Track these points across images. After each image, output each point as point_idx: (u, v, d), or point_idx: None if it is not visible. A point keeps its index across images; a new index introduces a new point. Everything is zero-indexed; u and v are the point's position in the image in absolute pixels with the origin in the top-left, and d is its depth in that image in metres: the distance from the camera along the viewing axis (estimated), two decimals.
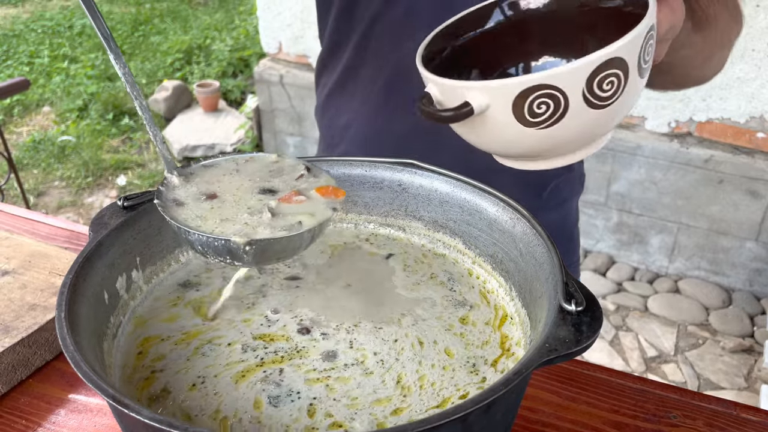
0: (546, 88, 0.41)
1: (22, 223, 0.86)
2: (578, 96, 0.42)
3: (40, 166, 3.21)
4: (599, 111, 0.43)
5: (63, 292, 0.44)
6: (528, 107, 0.42)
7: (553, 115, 0.42)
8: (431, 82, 0.46)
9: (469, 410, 0.35)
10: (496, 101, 0.43)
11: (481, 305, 0.53)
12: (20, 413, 0.59)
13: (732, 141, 2.16)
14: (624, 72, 0.42)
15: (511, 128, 0.44)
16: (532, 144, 0.45)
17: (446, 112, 0.44)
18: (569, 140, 0.45)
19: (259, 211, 0.51)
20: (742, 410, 0.60)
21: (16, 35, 4.72)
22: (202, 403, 0.46)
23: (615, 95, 0.43)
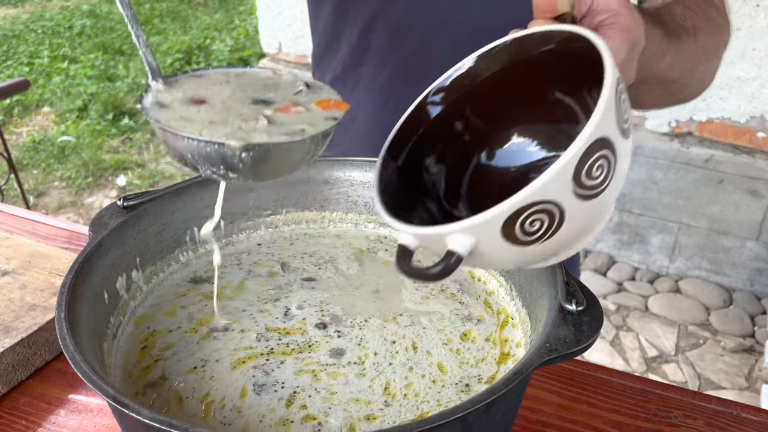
0: (533, 205, 0.36)
1: (22, 223, 0.86)
2: (569, 197, 0.37)
3: (40, 166, 3.21)
4: (598, 198, 0.38)
5: (63, 292, 0.44)
6: (520, 228, 0.37)
7: (550, 227, 0.37)
8: (404, 232, 0.40)
9: (468, 410, 0.35)
10: (483, 236, 0.38)
11: (486, 317, 0.52)
12: (20, 413, 0.59)
13: (732, 140, 2.16)
14: (609, 148, 0.37)
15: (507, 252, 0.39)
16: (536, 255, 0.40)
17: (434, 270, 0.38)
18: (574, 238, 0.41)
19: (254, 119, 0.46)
20: (742, 410, 0.60)
21: (16, 35, 4.71)
22: (196, 386, 0.47)
23: (609, 174, 0.38)
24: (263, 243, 0.62)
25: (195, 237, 0.59)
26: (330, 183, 0.63)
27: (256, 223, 0.62)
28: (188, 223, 0.58)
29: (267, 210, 0.62)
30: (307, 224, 0.64)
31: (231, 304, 0.55)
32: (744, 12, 1.98)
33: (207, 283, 0.58)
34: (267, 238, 0.63)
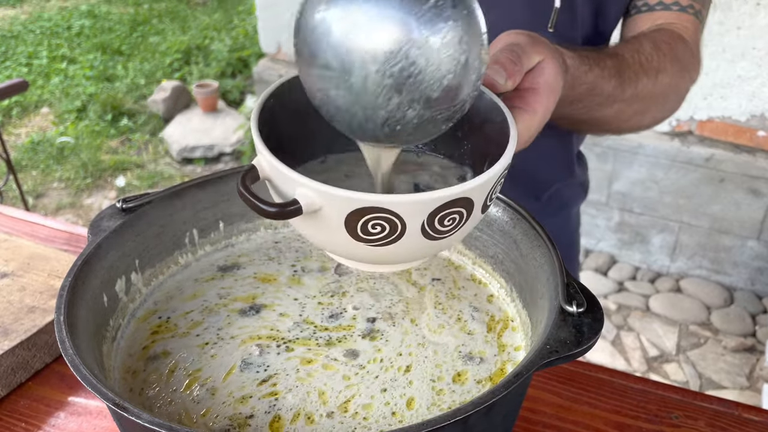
0: (386, 212, 0.38)
1: (21, 225, 0.85)
2: (416, 227, 0.39)
3: (39, 167, 3.20)
4: (433, 242, 0.40)
5: (62, 294, 0.44)
6: (362, 225, 0.38)
7: (386, 238, 0.39)
8: (262, 156, 0.41)
9: (469, 412, 0.35)
10: (330, 209, 0.39)
11: (488, 354, 0.50)
12: (20, 416, 0.59)
13: (733, 140, 2.16)
14: (468, 210, 0.40)
15: (338, 237, 0.40)
16: (358, 254, 0.42)
17: (269, 208, 0.38)
18: (396, 258, 0.43)
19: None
20: (743, 410, 0.60)
21: (15, 36, 4.71)
22: (195, 359, 0.49)
23: (453, 230, 0.40)
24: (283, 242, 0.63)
25: (194, 239, 0.59)
26: None
27: (255, 225, 0.62)
28: (187, 225, 0.58)
29: None
30: None
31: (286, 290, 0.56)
32: (744, 11, 1.98)
33: (234, 269, 0.59)
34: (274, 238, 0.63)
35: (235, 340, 0.51)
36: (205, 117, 3.43)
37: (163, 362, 0.49)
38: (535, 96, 0.49)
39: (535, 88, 0.49)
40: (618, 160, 2.30)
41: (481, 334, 0.52)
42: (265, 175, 0.41)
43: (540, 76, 0.49)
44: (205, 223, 0.59)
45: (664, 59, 0.70)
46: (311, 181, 0.38)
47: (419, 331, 0.52)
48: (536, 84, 0.49)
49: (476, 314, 0.54)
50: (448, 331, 0.52)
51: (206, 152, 3.21)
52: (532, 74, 0.49)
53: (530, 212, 0.53)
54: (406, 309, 0.54)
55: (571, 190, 0.92)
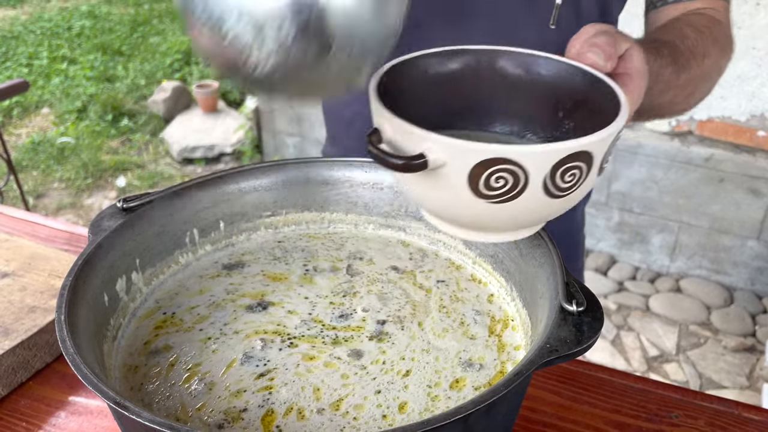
0: (511, 163, 0.39)
1: (22, 225, 0.86)
2: (539, 180, 0.40)
3: (40, 167, 3.21)
4: (552, 200, 0.41)
5: (63, 294, 0.44)
6: (485, 178, 0.39)
7: (507, 193, 0.40)
8: (385, 120, 0.42)
9: (469, 411, 0.35)
10: (455, 162, 0.39)
11: (488, 359, 0.50)
12: (20, 416, 0.59)
13: (733, 139, 2.16)
14: (588, 166, 0.41)
15: (458, 193, 0.41)
16: (474, 215, 0.43)
17: (397, 160, 0.40)
18: (511, 220, 0.43)
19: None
20: (743, 410, 0.60)
21: (15, 37, 4.71)
22: (197, 353, 0.49)
23: (572, 188, 0.41)
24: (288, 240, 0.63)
25: (195, 239, 0.59)
26: (330, 184, 0.63)
27: (255, 225, 0.62)
28: (188, 225, 0.58)
29: (267, 211, 0.62)
30: (307, 225, 0.64)
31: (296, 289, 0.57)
32: (744, 10, 1.98)
33: (240, 267, 0.59)
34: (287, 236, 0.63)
35: (239, 334, 0.51)
36: (205, 117, 3.43)
37: (165, 356, 0.49)
38: (629, 80, 0.51)
39: (628, 73, 0.51)
40: (618, 159, 2.30)
41: (482, 339, 0.52)
42: (388, 138, 0.42)
43: (630, 62, 0.51)
44: (206, 223, 0.59)
45: (706, 43, 0.73)
46: (438, 135, 0.39)
47: (425, 336, 0.52)
48: (628, 69, 0.51)
49: (479, 317, 0.54)
50: (451, 335, 0.52)
51: (207, 152, 3.21)
52: (623, 60, 0.51)
53: None
54: (413, 312, 0.54)
55: None
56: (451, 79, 0.50)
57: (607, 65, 0.48)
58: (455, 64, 0.50)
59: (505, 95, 0.51)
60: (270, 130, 3.03)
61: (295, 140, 2.99)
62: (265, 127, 3.05)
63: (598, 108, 0.46)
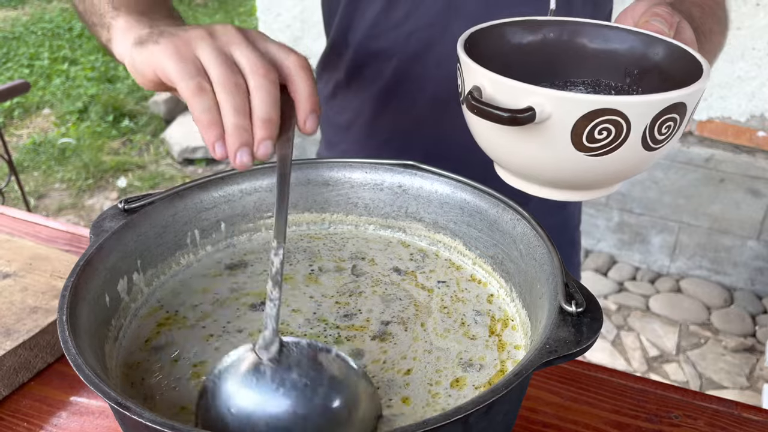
0: (616, 114, 0.40)
1: (23, 225, 0.86)
2: (639, 131, 0.41)
3: (41, 168, 3.21)
4: (646, 152, 0.42)
5: (64, 295, 0.44)
6: (589, 130, 0.40)
7: (608, 145, 0.41)
8: (485, 78, 0.43)
9: (469, 411, 0.35)
10: (560, 115, 0.40)
11: (488, 359, 0.50)
12: (22, 416, 0.59)
13: (733, 140, 2.16)
14: (681, 119, 0.42)
15: (559, 147, 0.41)
16: (569, 169, 0.43)
17: (505, 113, 0.40)
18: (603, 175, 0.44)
19: None
20: (743, 410, 0.60)
21: (16, 38, 4.72)
22: (199, 351, 0.50)
23: (666, 139, 0.43)
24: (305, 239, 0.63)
25: (196, 239, 0.59)
26: (330, 185, 0.63)
27: (256, 225, 0.62)
28: (189, 226, 0.58)
29: (268, 212, 0.62)
30: (307, 226, 0.64)
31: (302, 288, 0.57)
32: (744, 11, 1.98)
33: (243, 267, 0.59)
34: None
35: (242, 333, 0.51)
36: None
37: (167, 352, 0.50)
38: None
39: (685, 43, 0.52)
40: None
41: (482, 339, 0.52)
42: (488, 95, 0.43)
43: (684, 34, 0.53)
44: (207, 224, 0.60)
45: (711, 20, 0.74)
46: (543, 89, 0.40)
47: (427, 337, 0.52)
48: (684, 40, 0.52)
49: (479, 318, 0.54)
50: (452, 336, 0.52)
51: (207, 153, 3.21)
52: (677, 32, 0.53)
53: (530, 212, 0.53)
54: (416, 313, 0.54)
55: None
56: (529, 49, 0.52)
57: (670, 33, 0.50)
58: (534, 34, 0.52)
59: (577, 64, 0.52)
60: None
61: (296, 140, 2.99)
62: None
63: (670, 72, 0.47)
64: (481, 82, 0.43)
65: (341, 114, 0.91)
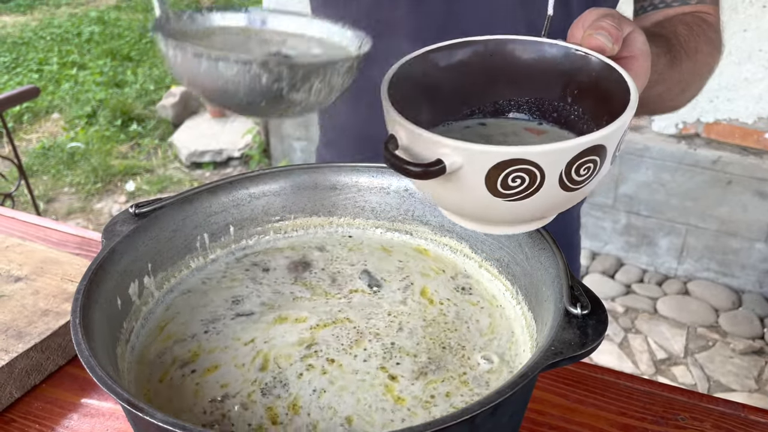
0: (527, 163, 0.39)
1: (34, 229, 0.87)
2: (555, 177, 0.40)
3: (50, 172, 3.23)
4: (568, 193, 0.42)
5: (77, 298, 0.45)
6: (503, 178, 0.40)
7: (524, 191, 0.41)
8: (400, 126, 0.43)
9: (475, 413, 0.36)
10: (472, 165, 0.40)
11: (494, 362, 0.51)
12: (34, 418, 0.60)
13: (740, 142, 2.16)
14: (601, 159, 0.41)
15: (476, 194, 0.42)
16: (492, 212, 0.44)
17: (415, 167, 0.40)
18: (529, 215, 0.44)
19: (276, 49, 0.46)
20: (750, 412, 0.60)
21: (26, 43, 4.76)
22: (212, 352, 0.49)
23: (586, 181, 0.42)
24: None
25: (205, 243, 0.60)
26: (338, 189, 0.63)
27: (264, 229, 0.63)
28: (198, 230, 0.59)
29: (276, 216, 0.63)
30: (315, 229, 0.65)
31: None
32: (750, 13, 1.98)
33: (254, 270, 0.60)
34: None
35: (254, 341, 0.52)
36: (213, 122, 3.45)
37: (180, 356, 0.50)
38: (635, 61, 0.52)
39: (633, 55, 0.52)
40: (624, 162, 2.30)
41: (490, 340, 0.52)
42: (404, 144, 0.43)
43: (634, 45, 0.52)
44: (216, 228, 0.60)
45: (698, 40, 0.73)
46: (453, 141, 0.40)
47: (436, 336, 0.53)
48: (633, 51, 0.52)
49: (486, 320, 0.54)
50: (460, 335, 0.53)
51: (215, 157, 3.23)
52: (626, 43, 0.52)
53: None
54: (424, 316, 0.55)
55: None
56: (463, 70, 0.51)
57: (614, 48, 0.49)
58: (465, 54, 0.51)
59: (516, 82, 0.52)
60: (278, 134, 3.05)
61: (302, 144, 3.00)
62: (273, 131, 3.06)
63: (606, 94, 0.46)
64: (397, 131, 0.43)
65: (339, 114, 0.92)
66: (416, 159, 0.42)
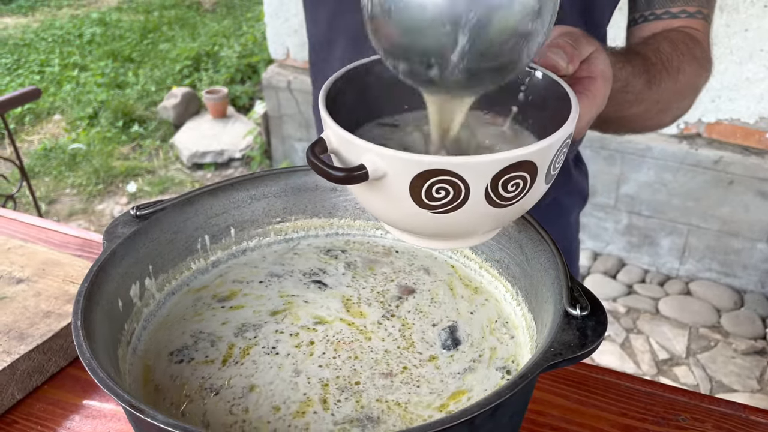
0: (450, 174, 0.38)
1: (35, 231, 0.87)
2: (480, 191, 0.39)
3: (52, 173, 3.24)
4: (497, 209, 0.41)
5: (79, 300, 0.45)
6: (426, 189, 0.39)
7: (450, 203, 0.40)
8: (329, 129, 0.42)
9: (475, 414, 0.36)
10: (395, 173, 0.39)
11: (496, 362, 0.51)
12: (36, 419, 0.60)
13: (741, 142, 2.16)
14: (532, 177, 0.40)
15: (402, 204, 0.41)
16: (421, 224, 0.43)
17: (337, 172, 0.39)
18: (459, 229, 0.43)
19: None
20: (751, 412, 0.60)
21: (27, 44, 4.77)
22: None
23: (516, 198, 0.41)
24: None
25: (206, 245, 0.60)
26: (338, 190, 0.63)
27: (265, 230, 0.63)
28: (199, 231, 0.59)
29: (276, 217, 0.63)
30: (315, 231, 0.65)
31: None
32: (752, 12, 1.98)
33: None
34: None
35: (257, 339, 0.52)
36: (214, 123, 3.46)
37: (185, 356, 0.51)
38: (593, 83, 0.50)
39: (592, 76, 0.51)
40: (626, 162, 2.30)
41: (490, 341, 0.53)
42: (333, 149, 0.42)
43: (595, 66, 0.51)
44: (217, 229, 0.60)
45: (682, 59, 0.72)
46: (376, 146, 0.39)
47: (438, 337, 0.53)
48: (593, 72, 0.51)
49: (487, 321, 0.55)
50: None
51: (216, 158, 3.24)
52: (587, 63, 0.51)
53: (534, 217, 0.53)
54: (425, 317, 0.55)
55: (569, 198, 0.93)
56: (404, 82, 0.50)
57: (568, 67, 0.48)
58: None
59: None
60: (279, 135, 3.05)
61: (303, 145, 3.01)
62: (274, 132, 3.07)
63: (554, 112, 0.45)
64: (327, 134, 0.42)
65: None
66: (344, 164, 0.42)
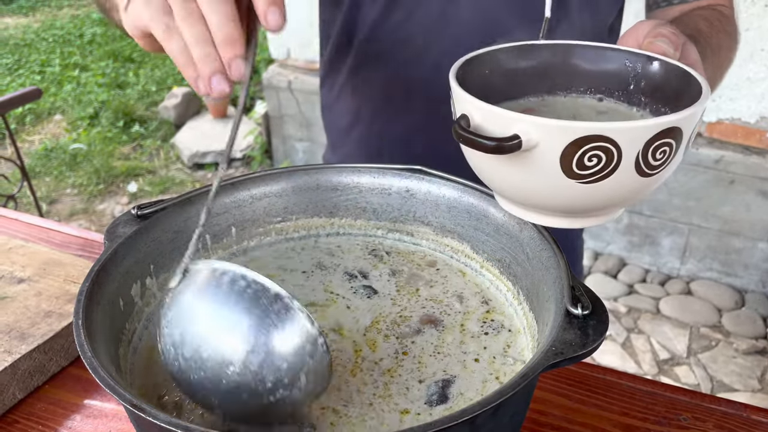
0: (605, 140, 0.39)
1: (36, 231, 0.87)
2: (632, 158, 0.40)
3: (52, 174, 3.24)
4: (643, 179, 0.41)
5: (80, 299, 0.45)
6: (578, 157, 0.39)
7: (599, 172, 0.40)
8: (473, 106, 0.43)
9: (476, 413, 0.36)
10: (547, 142, 0.39)
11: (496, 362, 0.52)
12: (37, 419, 0.60)
13: (742, 141, 2.15)
14: (677, 144, 0.41)
15: (549, 175, 0.41)
16: (563, 197, 0.43)
17: (490, 141, 0.40)
18: (599, 201, 0.43)
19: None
20: (752, 412, 0.60)
21: (28, 44, 4.77)
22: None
23: (662, 166, 0.42)
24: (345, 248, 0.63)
25: (207, 244, 0.60)
26: (339, 190, 0.63)
27: (266, 230, 0.63)
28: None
29: (277, 217, 0.63)
30: (316, 230, 0.65)
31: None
32: (753, 12, 1.98)
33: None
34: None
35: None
36: (215, 123, 3.46)
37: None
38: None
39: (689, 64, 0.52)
40: None
41: (491, 340, 0.53)
42: (476, 123, 0.43)
43: (689, 54, 0.53)
44: (218, 229, 0.60)
45: (719, 35, 0.74)
46: (530, 117, 0.39)
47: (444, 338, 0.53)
48: (688, 60, 0.52)
49: (488, 321, 0.55)
50: (465, 337, 0.53)
51: (217, 157, 3.24)
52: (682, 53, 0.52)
53: None
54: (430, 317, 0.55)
55: None
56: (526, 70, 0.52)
57: (675, 54, 0.49)
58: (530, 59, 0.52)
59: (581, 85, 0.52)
60: (279, 135, 3.05)
61: (304, 145, 3.01)
62: (275, 132, 3.07)
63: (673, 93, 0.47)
64: (468, 110, 0.43)
65: (343, 117, 0.92)
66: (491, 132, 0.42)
